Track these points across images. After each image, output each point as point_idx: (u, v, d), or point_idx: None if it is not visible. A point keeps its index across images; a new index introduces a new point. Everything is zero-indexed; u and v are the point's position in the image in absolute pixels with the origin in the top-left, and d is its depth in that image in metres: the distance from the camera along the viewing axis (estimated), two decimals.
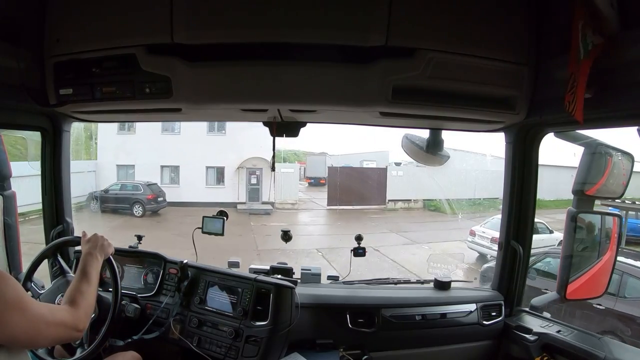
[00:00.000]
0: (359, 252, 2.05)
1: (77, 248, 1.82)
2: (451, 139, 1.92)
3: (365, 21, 1.31)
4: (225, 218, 1.94)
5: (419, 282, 2.15)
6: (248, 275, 1.81)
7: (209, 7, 1.31)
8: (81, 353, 1.52)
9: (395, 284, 2.14)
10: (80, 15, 1.45)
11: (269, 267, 2.03)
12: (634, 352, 1.59)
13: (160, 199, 12.92)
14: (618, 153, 1.73)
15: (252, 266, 2.06)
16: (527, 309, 1.96)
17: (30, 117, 1.81)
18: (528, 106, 1.53)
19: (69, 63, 1.49)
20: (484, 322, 1.92)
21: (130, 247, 1.99)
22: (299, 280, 2.02)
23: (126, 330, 1.71)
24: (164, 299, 1.83)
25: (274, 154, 1.88)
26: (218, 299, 1.78)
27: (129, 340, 1.69)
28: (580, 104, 1.17)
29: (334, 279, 2.14)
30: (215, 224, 1.94)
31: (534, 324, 1.84)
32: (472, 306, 1.93)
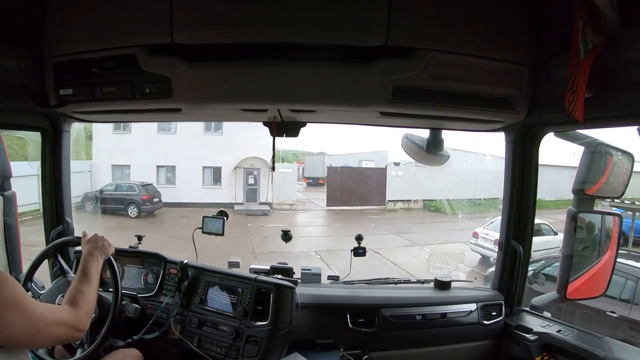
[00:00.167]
0: (359, 252, 2.05)
1: (78, 248, 1.82)
2: (451, 138, 1.92)
3: (365, 21, 1.31)
4: (225, 218, 1.94)
5: (419, 282, 2.15)
6: (248, 275, 1.81)
7: (209, 7, 1.31)
8: (81, 353, 1.52)
9: (395, 283, 2.14)
10: (80, 15, 1.45)
11: (269, 267, 2.03)
12: (634, 352, 1.59)
13: (155, 200, 12.75)
14: (618, 152, 1.73)
15: (252, 266, 2.06)
16: (528, 309, 1.96)
17: (30, 118, 1.81)
18: (528, 106, 1.53)
19: (69, 63, 1.49)
20: (484, 322, 1.92)
21: (130, 247, 1.99)
22: (299, 280, 2.02)
23: (126, 331, 1.71)
24: (164, 299, 1.83)
25: (274, 154, 1.88)
26: (218, 299, 1.78)
27: (129, 340, 1.69)
28: (580, 103, 1.17)
29: (334, 278, 2.14)
30: (215, 224, 1.94)
31: (534, 323, 1.84)
32: (473, 306, 1.93)
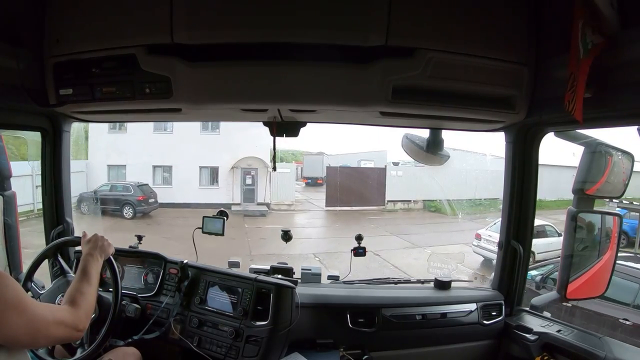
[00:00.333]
0: (359, 252, 2.06)
1: (78, 248, 1.82)
2: (451, 138, 1.92)
3: (365, 21, 1.30)
4: (225, 218, 1.94)
5: (419, 282, 2.15)
6: (248, 275, 1.81)
7: (209, 7, 1.30)
8: (82, 353, 1.52)
9: (395, 283, 2.14)
10: (80, 15, 1.45)
11: (269, 267, 2.03)
12: (634, 352, 1.59)
13: (151, 200, 12.48)
14: (618, 152, 1.73)
15: (253, 266, 2.06)
16: (528, 309, 1.96)
17: (30, 117, 1.81)
18: (528, 106, 1.53)
19: (69, 63, 1.49)
20: (484, 322, 1.92)
21: (130, 247, 1.99)
22: (299, 280, 2.02)
23: (126, 330, 1.71)
24: (165, 299, 1.83)
25: (274, 154, 1.88)
26: (218, 299, 1.78)
27: (130, 340, 1.69)
28: (579, 103, 1.17)
29: (334, 278, 2.14)
30: (215, 224, 1.94)
31: (534, 323, 1.84)
32: (473, 306, 1.93)
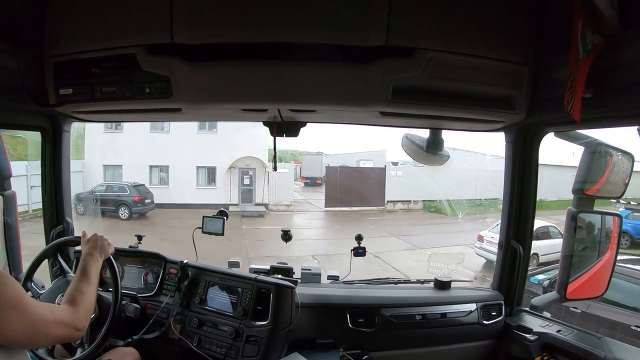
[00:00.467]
0: (359, 252, 2.05)
1: (77, 248, 1.82)
2: (451, 138, 1.92)
3: (365, 21, 1.30)
4: (225, 218, 1.94)
5: (419, 282, 2.15)
6: (248, 275, 1.81)
7: (209, 7, 1.30)
8: (81, 353, 1.52)
9: (395, 283, 2.14)
10: (80, 15, 1.45)
11: (269, 267, 2.03)
12: (634, 352, 1.59)
13: (147, 201, 12.35)
14: (618, 153, 1.73)
15: (252, 266, 2.06)
16: (528, 309, 1.96)
17: (30, 117, 1.81)
18: (528, 106, 1.53)
19: (69, 63, 1.49)
20: (484, 322, 1.92)
21: (130, 247, 1.99)
22: (299, 280, 2.02)
23: (126, 330, 1.71)
24: (164, 299, 1.83)
25: (275, 154, 1.88)
26: (218, 298, 1.78)
27: (129, 340, 1.69)
28: (578, 103, 1.17)
29: (334, 278, 2.14)
30: (215, 224, 1.94)
31: (534, 323, 1.84)
32: (472, 306, 1.93)
